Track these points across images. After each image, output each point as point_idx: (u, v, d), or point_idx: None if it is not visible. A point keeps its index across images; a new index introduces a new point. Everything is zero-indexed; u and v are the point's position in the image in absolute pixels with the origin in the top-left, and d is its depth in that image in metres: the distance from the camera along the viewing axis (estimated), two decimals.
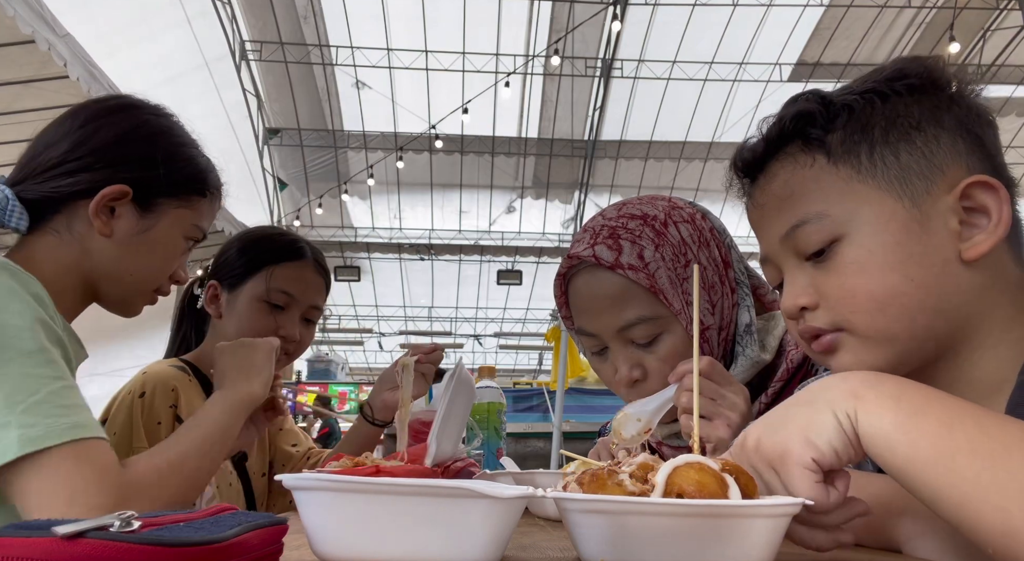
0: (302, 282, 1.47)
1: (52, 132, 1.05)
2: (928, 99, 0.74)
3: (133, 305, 1.11)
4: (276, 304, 1.43)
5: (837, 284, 0.73)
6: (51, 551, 0.38)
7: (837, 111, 0.75)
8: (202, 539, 0.41)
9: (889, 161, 0.72)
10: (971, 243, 0.70)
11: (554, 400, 3.98)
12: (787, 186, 0.77)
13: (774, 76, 11.43)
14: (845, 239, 0.73)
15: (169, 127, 1.11)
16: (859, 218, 0.72)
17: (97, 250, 1.03)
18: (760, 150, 0.81)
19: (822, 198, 0.74)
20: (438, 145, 11.99)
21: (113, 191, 1.01)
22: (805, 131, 0.76)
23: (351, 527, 0.54)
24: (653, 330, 1.03)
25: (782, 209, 0.77)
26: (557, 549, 0.68)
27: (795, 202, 0.76)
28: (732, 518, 0.50)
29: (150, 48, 8.60)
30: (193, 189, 1.10)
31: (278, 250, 1.48)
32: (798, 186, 0.76)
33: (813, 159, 0.76)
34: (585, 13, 10.58)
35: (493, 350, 17.68)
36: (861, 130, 0.74)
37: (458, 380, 0.91)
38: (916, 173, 0.72)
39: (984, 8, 10.14)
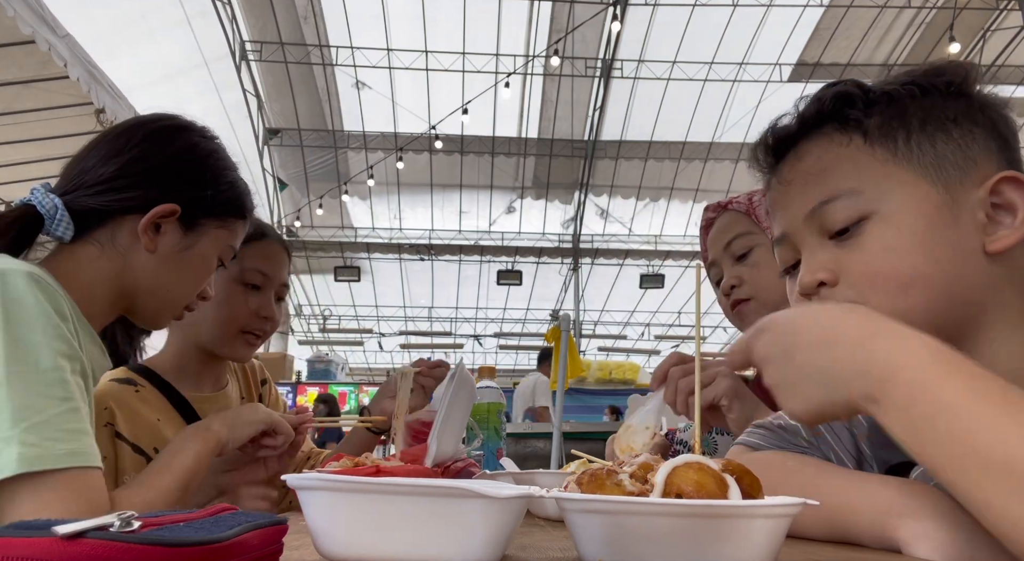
0: (272, 260, 1.48)
1: (105, 147, 1.08)
2: (964, 98, 0.75)
3: (163, 319, 1.15)
4: (253, 284, 1.44)
5: (861, 262, 0.73)
6: (51, 551, 0.38)
7: (877, 98, 0.76)
8: (202, 539, 0.41)
9: (925, 148, 0.73)
10: (996, 237, 0.71)
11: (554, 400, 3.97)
12: (820, 162, 0.77)
13: (774, 76, 11.43)
14: (875, 217, 0.73)
15: (215, 150, 1.16)
16: (892, 198, 0.72)
17: (139, 264, 1.06)
18: (794, 128, 0.80)
19: (856, 175, 0.74)
20: (438, 145, 11.99)
21: (164, 210, 1.06)
22: (843, 112, 0.76)
23: (352, 526, 0.54)
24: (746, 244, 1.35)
25: (811, 185, 0.77)
26: (557, 549, 0.68)
27: (826, 178, 0.76)
28: (731, 518, 0.50)
29: (150, 48, 8.60)
30: (233, 211, 1.15)
31: None
32: (831, 163, 0.76)
33: (850, 139, 0.76)
34: (585, 13, 10.58)
35: (493, 350, 17.68)
36: (899, 117, 0.74)
37: (458, 380, 0.91)
38: (951, 162, 0.72)
39: (984, 8, 10.13)
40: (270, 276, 1.46)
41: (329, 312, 16.86)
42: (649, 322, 17.08)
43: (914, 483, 0.70)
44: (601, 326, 17.15)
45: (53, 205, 1.01)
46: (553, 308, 16.15)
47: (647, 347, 16.79)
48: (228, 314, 1.41)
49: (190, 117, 1.17)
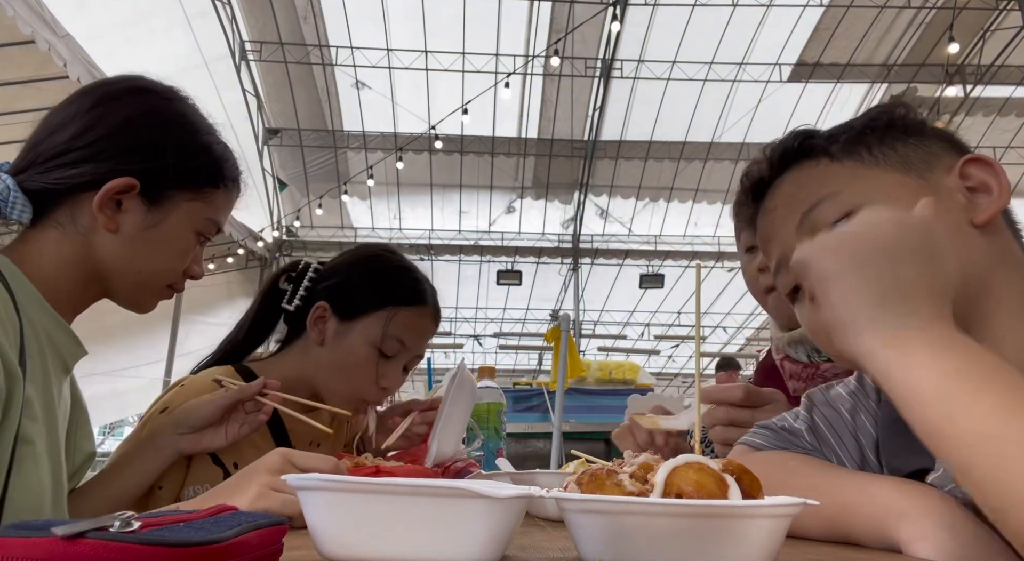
0: (418, 332, 1.37)
1: (58, 116, 0.98)
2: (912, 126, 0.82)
3: (144, 302, 1.05)
4: (386, 353, 1.33)
5: None
6: (51, 551, 0.38)
7: (834, 132, 0.83)
8: (202, 539, 0.41)
9: (888, 152, 0.79)
10: (980, 210, 0.75)
11: (554, 400, 3.98)
12: (796, 183, 0.83)
13: (774, 76, 11.43)
14: (861, 209, 0.75)
15: (181, 112, 1.04)
16: (870, 192, 0.77)
17: (102, 245, 0.96)
18: (766, 172, 0.86)
19: (833, 182, 0.79)
20: (438, 145, 11.98)
21: (118, 184, 0.95)
22: (808, 145, 0.83)
23: (351, 527, 0.54)
24: None
25: (793, 203, 0.82)
26: (557, 549, 0.68)
27: (806, 192, 0.81)
28: (731, 518, 0.50)
29: (150, 48, 8.61)
30: (206, 180, 1.02)
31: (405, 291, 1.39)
32: (806, 180, 0.82)
33: (818, 161, 0.82)
34: (585, 13, 10.58)
35: (493, 350, 17.68)
36: (858, 139, 0.81)
37: (459, 381, 0.91)
38: (915, 158, 0.78)
39: (984, 8, 10.13)
40: (408, 347, 1.36)
41: None
42: (649, 322, 17.08)
43: (914, 484, 0.70)
44: (601, 326, 17.15)
45: (5, 186, 0.92)
46: (553, 308, 16.14)
47: (647, 347, 16.78)
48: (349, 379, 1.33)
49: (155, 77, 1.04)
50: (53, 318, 0.95)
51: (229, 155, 1.08)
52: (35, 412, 0.89)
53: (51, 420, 0.93)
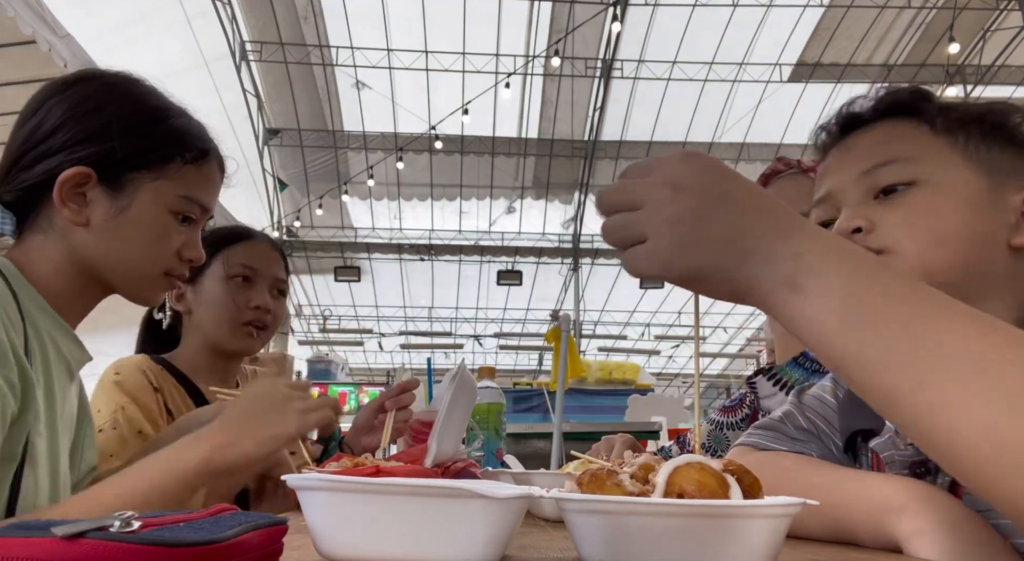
0: (260, 256, 1.51)
1: (16, 124, 0.97)
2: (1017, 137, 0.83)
3: (145, 293, 1.02)
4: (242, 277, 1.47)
5: (901, 215, 0.79)
6: (51, 551, 0.38)
7: (950, 105, 0.84)
8: (202, 539, 0.41)
9: (982, 150, 0.80)
10: (1021, 233, 0.78)
11: (554, 400, 3.97)
12: (886, 135, 0.84)
13: (774, 76, 11.43)
14: (924, 185, 0.79)
15: (128, 93, 0.99)
16: (943, 174, 0.79)
17: (81, 242, 0.94)
18: (868, 110, 0.86)
19: (916, 149, 0.81)
20: (438, 146, 11.99)
21: (72, 175, 0.92)
22: (919, 106, 0.83)
23: (351, 527, 0.54)
24: None
25: (872, 150, 0.83)
26: (557, 549, 0.68)
27: (889, 146, 0.82)
28: (731, 518, 0.50)
29: (150, 48, 8.61)
30: (168, 156, 0.97)
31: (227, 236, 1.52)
32: (897, 137, 0.83)
33: (918, 125, 0.82)
34: (585, 14, 10.58)
35: (493, 350, 17.68)
36: (966, 123, 0.82)
37: (459, 381, 0.91)
38: (1001, 168, 0.80)
39: (984, 8, 10.13)
40: (257, 269, 1.49)
41: (329, 312, 16.86)
42: (649, 322, 17.08)
43: (912, 480, 0.71)
44: (601, 326, 17.15)
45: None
46: (553, 308, 16.14)
47: (647, 347, 16.78)
48: (221, 310, 1.46)
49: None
50: (57, 322, 0.94)
51: (192, 127, 1.02)
52: (38, 415, 0.89)
53: (52, 425, 0.93)
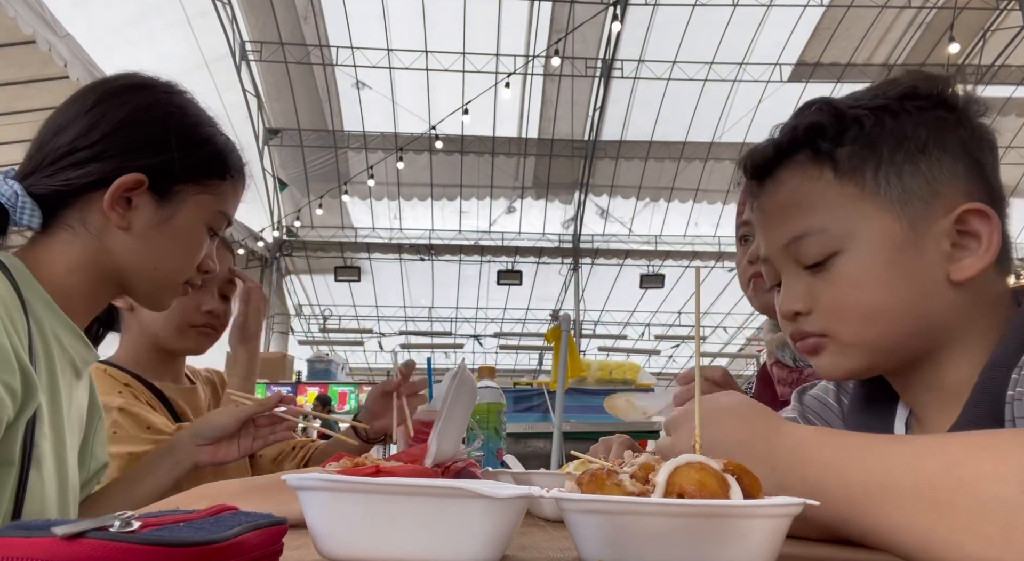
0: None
1: (59, 118, 0.97)
2: (936, 120, 0.77)
3: (164, 299, 1.04)
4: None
5: (831, 295, 0.78)
6: (51, 551, 0.38)
7: (847, 125, 0.78)
8: (202, 539, 0.41)
9: (892, 182, 0.76)
10: (960, 265, 0.75)
11: (554, 400, 3.97)
12: (793, 196, 0.81)
13: (774, 76, 11.43)
14: (843, 254, 0.77)
15: (182, 105, 1.03)
16: (858, 235, 0.76)
17: (116, 245, 0.95)
18: (770, 155, 0.83)
19: (825, 212, 0.78)
20: (438, 145, 11.98)
21: (128, 181, 0.94)
22: (815, 142, 0.79)
23: (351, 526, 0.54)
24: None
25: (786, 218, 0.81)
26: (557, 549, 0.68)
27: (799, 213, 0.80)
28: (731, 518, 0.50)
29: (150, 48, 8.61)
30: (213, 172, 1.02)
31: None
32: (804, 197, 0.80)
33: (820, 172, 0.79)
34: (585, 14, 10.58)
35: (493, 350, 17.68)
36: (869, 147, 0.77)
37: (460, 381, 0.91)
38: (917, 196, 0.75)
39: (984, 8, 10.13)
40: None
41: (329, 312, 16.86)
42: (649, 322, 17.08)
43: None
44: (601, 326, 17.15)
45: (12, 192, 0.91)
46: (553, 308, 16.14)
47: (647, 347, 16.78)
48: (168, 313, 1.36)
49: (152, 73, 1.03)
50: (63, 322, 0.94)
51: (232, 146, 1.07)
52: (42, 416, 0.88)
53: (57, 425, 0.93)
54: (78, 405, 1.01)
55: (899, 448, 0.58)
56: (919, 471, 0.54)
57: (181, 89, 1.05)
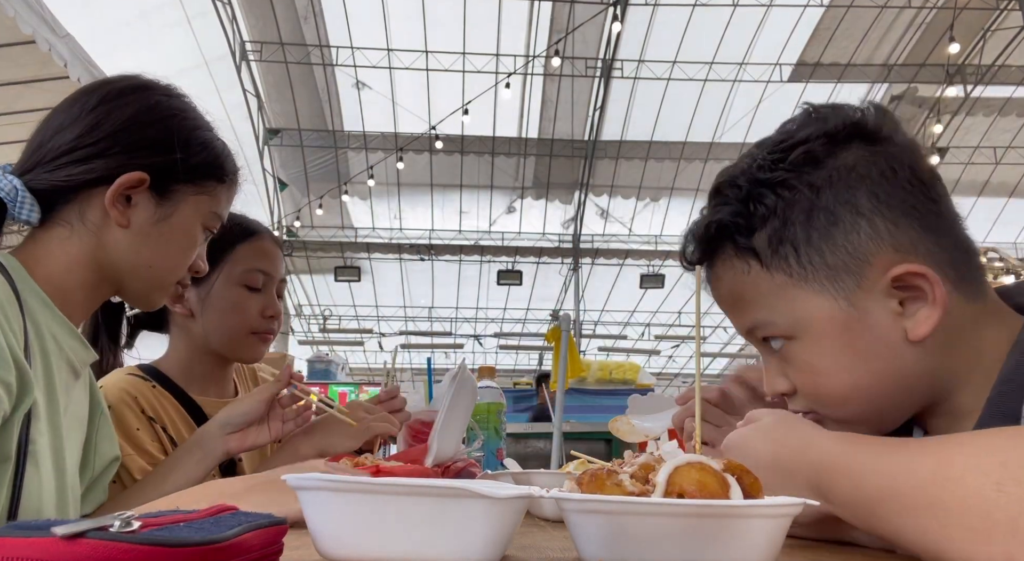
0: (269, 257, 1.42)
1: (61, 115, 0.98)
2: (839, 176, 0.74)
3: (155, 298, 1.05)
4: (255, 287, 1.38)
5: (801, 381, 0.79)
6: (51, 551, 0.38)
7: (754, 210, 0.77)
8: (202, 539, 0.41)
9: (817, 263, 0.74)
10: (914, 321, 0.73)
11: (554, 400, 3.97)
12: (732, 292, 0.81)
13: (774, 76, 11.43)
14: (796, 341, 0.77)
15: (183, 108, 1.05)
16: (802, 323, 0.76)
17: (114, 241, 0.97)
18: (699, 252, 0.84)
19: (765, 305, 0.78)
20: (438, 145, 11.98)
21: (131, 179, 0.95)
22: (732, 239, 0.79)
23: (351, 527, 0.54)
24: None
25: (736, 310, 0.82)
26: (557, 549, 0.68)
27: (744, 306, 0.80)
28: (731, 518, 0.50)
29: (150, 48, 8.61)
30: (210, 174, 1.04)
31: (238, 231, 1.40)
32: (743, 292, 0.80)
33: (748, 265, 0.78)
34: (585, 14, 10.57)
35: (493, 350, 17.68)
36: (783, 225, 0.75)
37: (460, 381, 0.91)
38: (844, 270, 0.74)
39: (984, 8, 10.13)
40: (270, 274, 1.41)
41: (329, 312, 16.85)
42: (649, 322, 17.07)
43: None
44: (601, 326, 17.14)
45: (12, 187, 0.91)
46: (553, 308, 16.14)
47: (647, 347, 16.78)
48: (238, 319, 1.37)
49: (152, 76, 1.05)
50: (59, 320, 0.94)
51: (228, 150, 1.10)
52: (38, 413, 0.88)
53: (55, 423, 0.93)
54: (77, 404, 1.01)
55: (902, 451, 0.59)
56: (915, 473, 0.56)
57: (181, 92, 1.07)
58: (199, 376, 1.40)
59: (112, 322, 1.26)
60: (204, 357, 1.40)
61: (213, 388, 1.44)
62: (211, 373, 1.42)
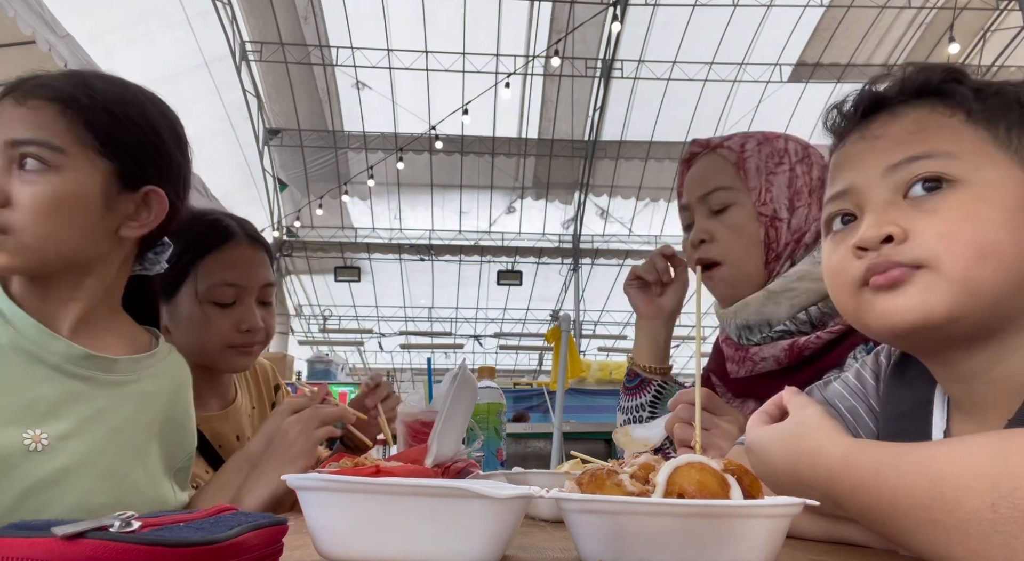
0: (244, 265, 1.30)
1: None
2: None
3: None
4: (223, 303, 1.28)
5: (940, 222, 0.70)
6: (51, 551, 0.38)
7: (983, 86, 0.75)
8: (202, 539, 0.41)
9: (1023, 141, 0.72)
10: None
11: (554, 400, 3.97)
12: (919, 124, 0.74)
13: (774, 76, 11.43)
14: (964, 185, 0.70)
15: None
16: (985, 174, 0.70)
17: None
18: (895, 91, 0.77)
19: (955, 143, 0.72)
20: (438, 146, 11.98)
21: None
22: (951, 88, 0.74)
23: (351, 527, 0.54)
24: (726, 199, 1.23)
25: (903, 141, 0.74)
26: (557, 549, 0.68)
27: (924, 138, 0.73)
28: (731, 518, 0.50)
29: (150, 48, 8.60)
30: None
31: (202, 238, 1.29)
32: (933, 127, 0.73)
33: (953, 112, 0.73)
34: (585, 14, 10.57)
35: (493, 350, 17.68)
36: (1003, 108, 0.73)
37: (460, 381, 0.91)
38: None
39: (984, 9, 10.13)
40: (243, 285, 1.30)
41: (329, 312, 16.86)
42: None
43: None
44: (601, 326, 17.14)
45: None
46: (553, 308, 16.14)
47: None
48: (208, 337, 1.28)
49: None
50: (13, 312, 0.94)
51: None
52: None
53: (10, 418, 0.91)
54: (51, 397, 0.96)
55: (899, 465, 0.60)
56: (913, 491, 0.57)
57: None
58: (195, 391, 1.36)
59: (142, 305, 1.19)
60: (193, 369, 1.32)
61: (213, 400, 1.40)
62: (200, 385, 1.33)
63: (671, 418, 1.11)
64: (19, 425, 0.92)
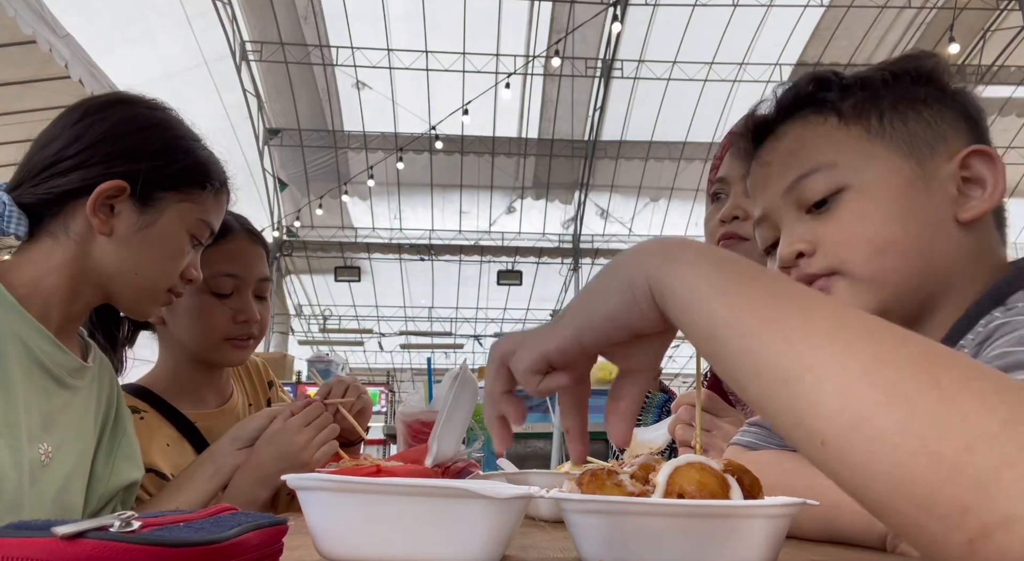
0: (243, 258, 1.34)
1: (47, 132, 1.02)
2: (934, 85, 0.78)
3: (145, 306, 1.06)
4: (221, 293, 1.31)
5: (836, 230, 0.75)
6: (51, 551, 0.38)
7: (851, 82, 0.79)
8: (202, 539, 0.41)
9: (897, 125, 0.76)
10: (967, 207, 0.74)
11: (554, 400, 3.97)
12: (798, 141, 0.79)
13: (774, 76, 11.42)
14: (850, 190, 0.75)
15: (164, 120, 1.07)
16: (866, 172, 0.75)
17: (99, 250, 0.99)
18: (772, 114, 0.82)
19: (831, 149, 0.77)
20: (438, 146, 11.98)
21: (109, 187, 0.97)
22: (819, 95, 0.79)
23: (351, 527, 0.54)
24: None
25: (789, 163, 0.79)
26: (557, 549, 0.68)
27: (805, 154, 0.78)
28: (731, 518, 0.50)
29: (150, 48, 8.60)
30: (193, 181, 1.05)
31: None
32: (809, 140, 0.79)
33: (825, 119, 0.78)
34: (585, 14, 10.57)
35: None
36: (872, 99, 0.77)
37: (461, 381, 0.91)
38: (922, 139, 0.75)
39: (984, 8, 10.13)
40: (241, 277, 1.34)
41: (329, 312, 16.85)
42: None
43: None
44: None
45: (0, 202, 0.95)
46: (553, 308, 16.13)
47: None
48: (206, 327, 1.31)
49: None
50: (29, 323, 0.95)
51: (215, 159, 1.11)
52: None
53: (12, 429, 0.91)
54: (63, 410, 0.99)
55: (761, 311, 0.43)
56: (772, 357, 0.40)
57: (164, 105, 1.09)
58: (189, 386, 1.36)
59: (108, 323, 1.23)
60: (188, 365, 1.35)
61: (210, 398, 1.40)
62: (198, 380, 1.38)
63: (673, 420, 1.11)
64: (36, 440, 0.95)
